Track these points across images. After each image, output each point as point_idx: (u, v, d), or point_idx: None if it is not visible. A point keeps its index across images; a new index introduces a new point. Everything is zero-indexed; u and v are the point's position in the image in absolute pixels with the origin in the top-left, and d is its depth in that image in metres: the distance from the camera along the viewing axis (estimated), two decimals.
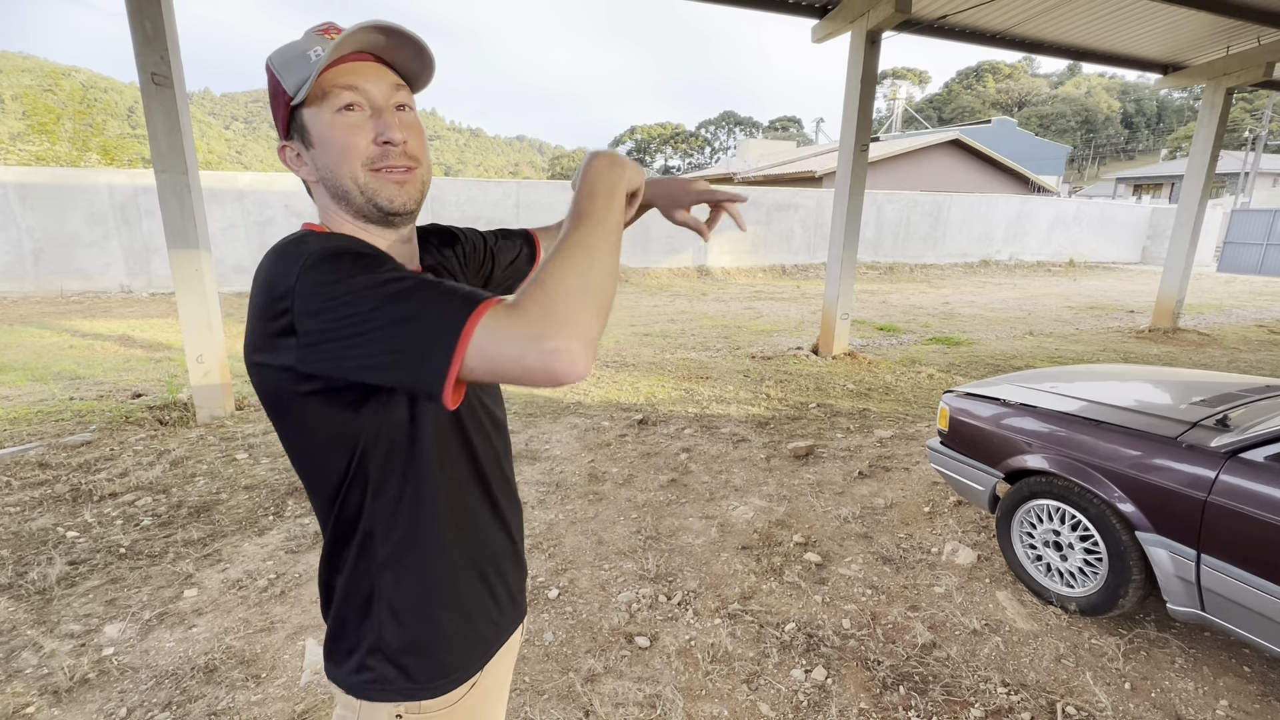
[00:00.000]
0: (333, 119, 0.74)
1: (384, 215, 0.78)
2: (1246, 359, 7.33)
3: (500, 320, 0.59)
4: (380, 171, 0.76)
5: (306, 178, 0.79)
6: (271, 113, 0.79)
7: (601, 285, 0.63)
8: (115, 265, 10.71)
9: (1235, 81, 8.24)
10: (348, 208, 0.78)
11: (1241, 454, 1.99)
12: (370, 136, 0.75)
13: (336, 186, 0.76)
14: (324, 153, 0.75)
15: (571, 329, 0.59)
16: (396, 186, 0.77)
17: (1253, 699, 2.05)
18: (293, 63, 0.73)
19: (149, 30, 4.04)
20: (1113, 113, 64.53)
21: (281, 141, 0.79)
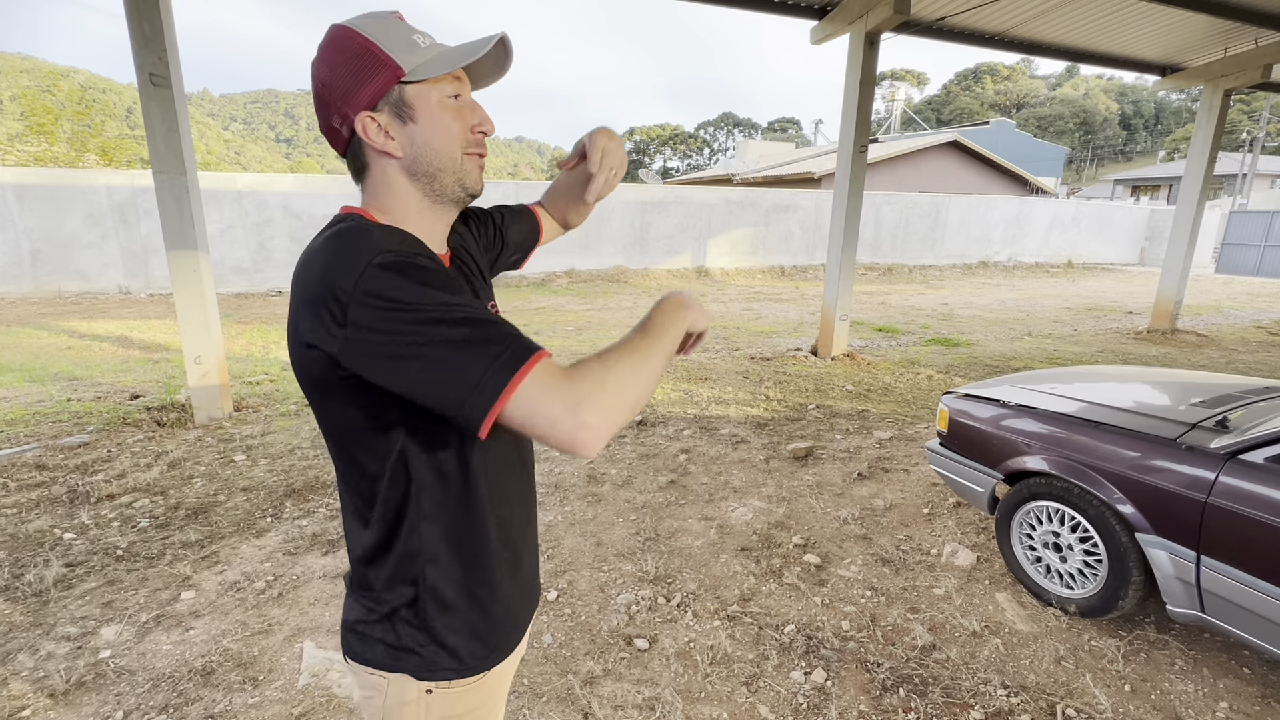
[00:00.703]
0: (444, 102, 0.79)
1: (466, 197, 0.85)
2: (1245, 360, 7.34)
3: (551, 379, 0.64)
4: (471, 156, 0.83)
5: (391, 151, 0.78)
6: (348, 80, 0.75)
7: (641, 391, 0.70)
8: (113, 266, 10.69)
9: (1233, 83, 8.25)
10: (428, 187, 0.81)
11: (1241, 455, 1.99)
12: (469, 125, 0.81)
13: (431, 164, 0.79)
14: (431, 131, 0.78)
15: (607, 413, 0.65)
16: (479, 171, 0.85)
17: (1253, 700, 2.05)
18: (398, 40, 0.76)
19: (147, 31, 4.04)
20: (1111, 114, 64.67)
21: (366, 113, 0.76)
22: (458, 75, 0.81)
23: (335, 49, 0.76)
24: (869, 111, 6.42)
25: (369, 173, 0.81)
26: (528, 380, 0.63)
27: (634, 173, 53.68)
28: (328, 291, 0.66)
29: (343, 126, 0.78)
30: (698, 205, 15.10)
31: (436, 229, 0.86)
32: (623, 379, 0.68)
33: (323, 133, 0.81)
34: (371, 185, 0.81)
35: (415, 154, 0.79)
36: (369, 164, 0.80)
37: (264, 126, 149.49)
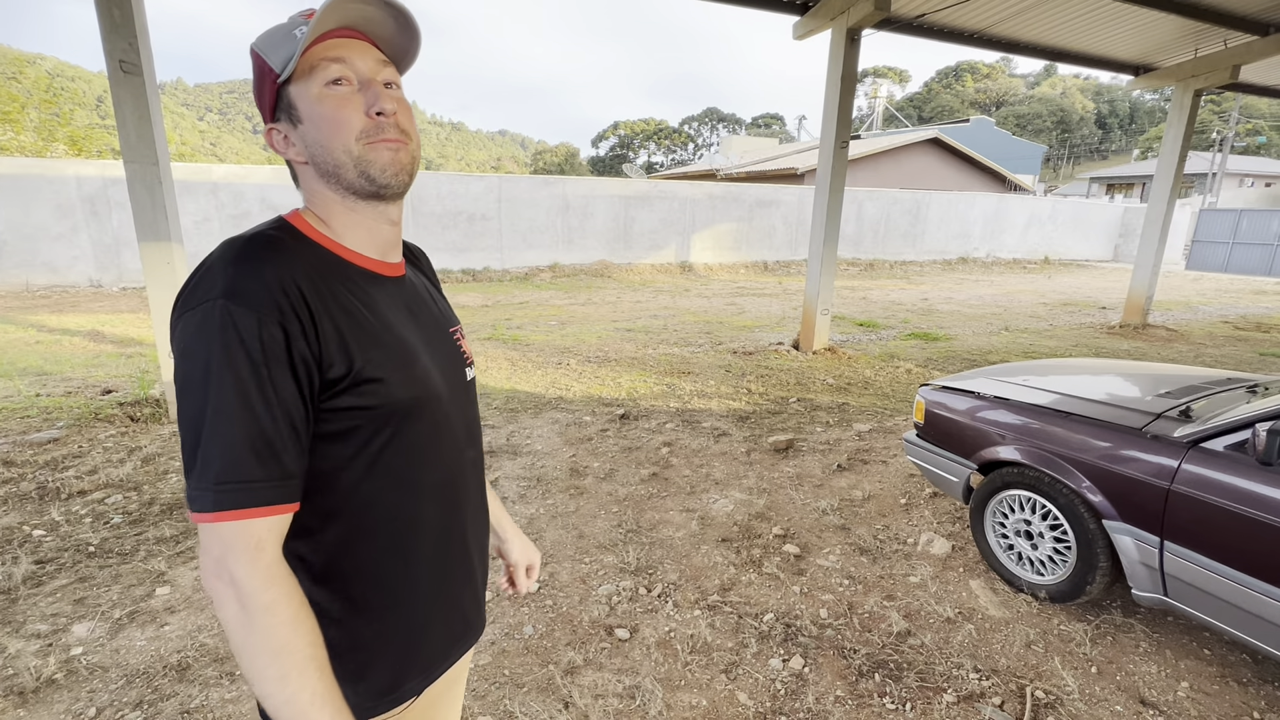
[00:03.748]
0: (321, 92, 0.73)
1: (377, 188, 0.76)
2: (1212, 354, 7.54)
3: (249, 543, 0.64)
4: (375, 143, 0.75)
5: (295, 159, 0.77)
6: (257, 98, 0.76)
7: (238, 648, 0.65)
8: (84, 259, 10.43)
9: (1203, 84, 8.45)
10: (338, 185, 0.76)
11: (1203, 444, 2.05)
12: (361, 109, 0.74)
13: (328, 162, 0.74)
14: (314, 128, 0.73)
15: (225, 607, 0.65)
16: (391, 153, 0.75)
17: (1212, 680, 2.12)
18: (279, 42, 0.73)
19: (117, 17, 3.94)
20: (1087, 113, 65.80)
21: (268, 125, 0.76)
22: (338, 57, 0.73)
23: (251, 68, 0.76)
24: (850, 108, 6.47)
25: (299, 180, 0.80)
26: (235, 525, 0.64)
27: (618, 167, 53.54)
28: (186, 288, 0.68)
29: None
30: (681, 200, 15.12)
31: (376, 229, 0.80)
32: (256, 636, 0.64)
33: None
34: (302, 192, 0.80)
35: (312, 155, 0.75)
36: (296, 172, 0.79)
37: (240, 117, 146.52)
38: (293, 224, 0.76)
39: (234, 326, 0.64)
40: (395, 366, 0.75)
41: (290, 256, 0.71)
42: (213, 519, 0.63)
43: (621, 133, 65.98)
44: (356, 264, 0.78)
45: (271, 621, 0.65)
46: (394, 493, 0.78)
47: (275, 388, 0.65)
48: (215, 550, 0.64)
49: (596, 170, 61.79)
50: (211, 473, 0.63)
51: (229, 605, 0.64)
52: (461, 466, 0.89)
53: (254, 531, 0.65)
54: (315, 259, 0.73)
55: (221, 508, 0.63)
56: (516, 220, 13.56)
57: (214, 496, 0.63)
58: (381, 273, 0.81)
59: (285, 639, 0.65)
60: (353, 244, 0.79)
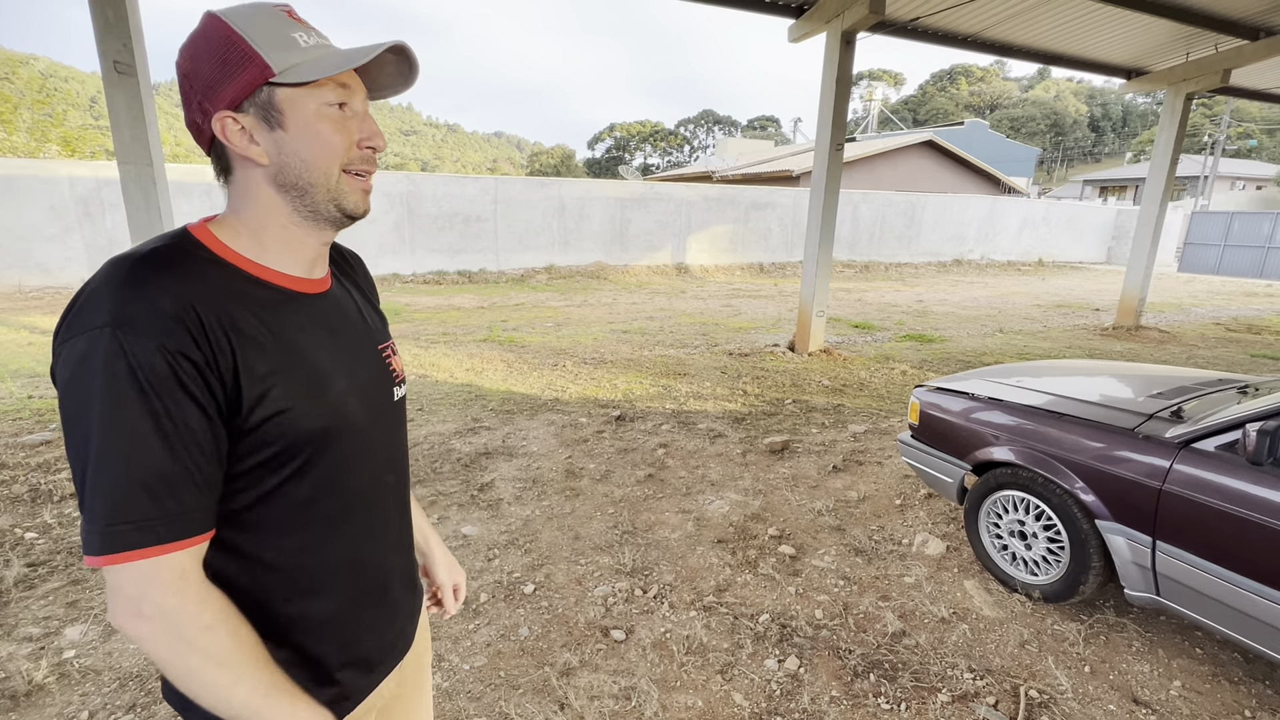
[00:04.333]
0: (322, 110, 0.71)
1: (343, 218, 0.76)
2: (1204, 355, 7.60)
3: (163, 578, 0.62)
4: (352, 175, 0.75)
5: (253, 158, 0.71)
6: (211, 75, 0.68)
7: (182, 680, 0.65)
8: (77, 260, 10.37)
9: (1194, 87, 8.52)
10: (298, 202, 0.73)
11: (1194, 444, 2.07)
12: (355, 138, 0.74)
13: (300, 178, 0.72)
14: (302, 141, 0.71)
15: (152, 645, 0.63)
16: (362, 194, 0.76)
17: (1204, 679, 2.13)
18: (271, 36, 0.69)
19: (111, 17, 3.93)
20: (1080, 116, 66.21)
21: (227, 112, 0.69)
22: (345, 82, 0.73)
23: (200, 39, 0.69)
24: (845, 110, 6.50)
25: (233, 177, 0.73)
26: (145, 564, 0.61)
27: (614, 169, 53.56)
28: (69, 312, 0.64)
29: (205, 123, 0.70)
30: (677, 202, 15.14)
31: (307, 247, 0.77)
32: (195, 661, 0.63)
33: (187, 126, 0.74)
34: (235, 191, 0.74)
35: (282, 164, 0.71)
36: (233, 167, 0.73)
37: None
38: (197, 237, 0.71)
39: (123, 356, 0.60)
40: (303, 395, 0.72)
41: (187, 276, 0.66)
42: (103, 562, 0.60)
43: (617, 135, 66.05)
44: (270, 282, 0.74)
45: (214, 639, 0.64)
46: (302, 528, 0.75)
47: (172, 419, 0.62)
48: (129, 590, 0.62)
49: (592, 172, 61.82)
50: (101, 513, 0.60)
51: (162, 640, 0.63)
52: (379, 493, 0.85)
53: (177, 563, 0.63)
54: (218, 279, 0.69)
55: (111, 550, 0.60)
56: (512, 222, 13.55)
57: (101, 539, 0.60)
58: (299, 290, 0.77)
59: (231, 649, 0.65)
60: (272, 261, 0.75)
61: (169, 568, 0.63)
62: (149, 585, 0.62)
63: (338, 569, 0.80)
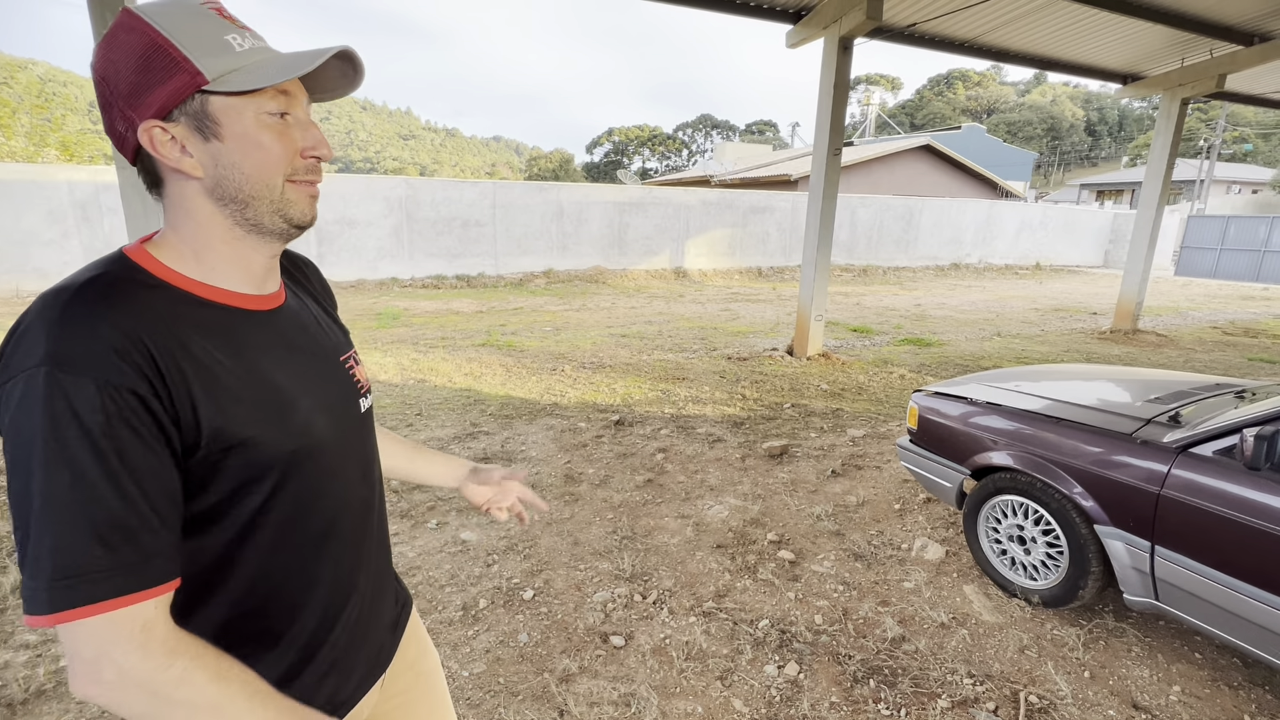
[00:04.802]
0: (261, 119, 0.66)
1: (290, 229, 0.72)
2: (1201, 359, 7.62)
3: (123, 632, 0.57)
4: (299, 184, 0.71)
5: (186, 170, 0.66)
6: (134, 81, 0.63)
7: None
8: (75, 264, 10.34)
9: (1190, 92, 8.57)
10: (239, 213, 0.68)
11: (1192, 449, 2.07)
12: (297, 148, 0.69)
13: (242, 190, 0.67)
14: (240, 152, 0.66)
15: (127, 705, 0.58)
16: (310, 201, 0.72)
17: (1203, 684, 2.13)
18: (202, 38, 0.64)
19: (109, 21, 3.93)
20: (1077, 120, 66.51)
21: (154, 122, 0.63)
22: (286, 89, 0.68)
23: (118, 40, 0.63)
24: (843, 115, 6.52)
25: (165, 190, 0.68)
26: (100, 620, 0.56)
27: (613, 174, 53.69)
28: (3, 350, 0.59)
29: (128, 133, 0.65)
30: (676, 206, 15.17)
31: (254, 261, 0.73)
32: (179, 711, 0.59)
33: (108, 135, 0.68)
34: (169, 206, 0.69)
35: (219, 176, 0.66)
36: (164, 180, 0.68)
37: None
38: (136, 261, 0.66)
39: (64, 398, 0.55)
40: (266, 421, 0.68)
41: (129, 304, 0.61)
42: (50, 621, 0.55)
43: (616, 139, 66.21)
44: (219, 302, 0.70)
45: (192, 690, 0.59)
46: (270, 555, 0.72)
47: (121, 460, 0.57)
48: (85, 652, 0.57)
49: (591, 176, 61.92)
50: (47, 567, 0.55)
51: (134, 704, 0.58)
52: (354, 509, 0.83)
53: (138, 616, 0.58)
54: (164, 304, 0.64)
55: (60, 607, 0.55)
56: (511, 226, 13.57)
57: (49, 595, 0.55)
58: (251, 308, 0.73)
59: (216, 695, 0.61)
60: (219, 279, 0.70)
61: (128, 621, 0.57)
62: (107, 644, 0.57)
63: (316, 589, 0.77)
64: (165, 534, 0.61)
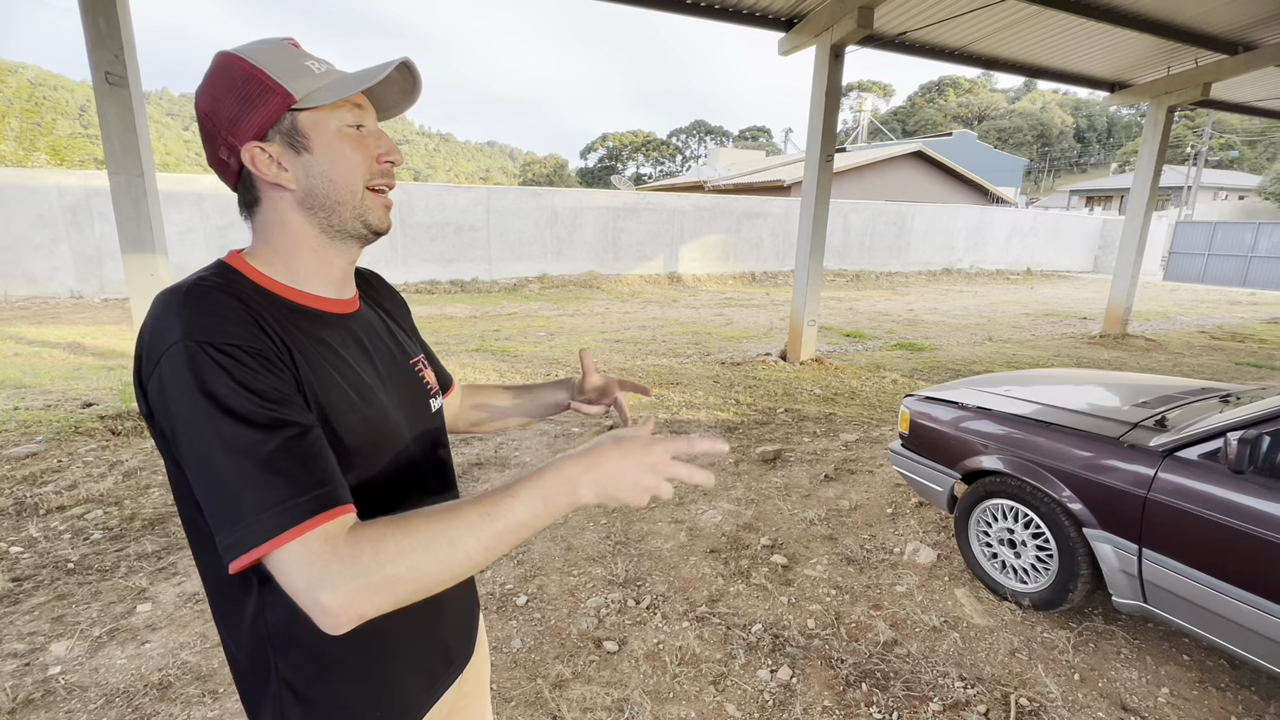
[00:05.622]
0: (343, 130, 0.74)
1: (369, 234, 0.79)
2: (1189, 363, 7.70)
3: (312, 551, 0.59)
4: (376, 191, 0.78)
5: (283, 183, 0.73)
6: (235, 110, 0.71)
7: (434, 584, 0.62)
8: (65, 270, 10.29)
9: (1176, 100, 8.68)
10: (325, 221, 0.76)
11: (1177, 453, 2.10)
12: (374, 155, 0.77)
13: (328, 198, 0.75)
14: (328, 161, 0.74)
15: (358, 608, 0.59)
16: (385, 210, 0.80)
17: (1191, 685, 2.16)
18: (287, 66, 0.72)
19: (103, 28, 3.93)
20: (1066, 127, 67.18)
21: (254, 143, 0.71)
22: (359, 103, 0.76)
23: (218, 77, 0.71)
24: (835, 121, 6.58)
25: (260, 207, 0.76)
26: (294, 544, 0.59)
27: (607, 179, 53.77)
28: (141, 353, 0.65)
29: (230, 158, 0.73)
30: (670, 211, 15.22)
31: (336, 266, 0.80)
32: (401, 572, 0.60)
33: (211, 166, 0.76)
34: (262, 221, 0.76)
35: (310, 186, 0.74)
36: (260, 197, 0.75)
37: None
38: (235, 267, 0.74)
39: (209, 360, 0.61)
40: (350, 410, 0.73)
41: (240, 294, 0.69)
42: (265, 550, 0.59)
43: (610, 144, 66.37)
44: (307, 305, 0.77)
45: (397, 550, 0.60)
46: None
47: (275, 401, 0.63)
48: (299, 582, 0.59)
49: (585, 182, 62.03)
50: (244, 509, 0.59)
51: (370, 602, 0.59)
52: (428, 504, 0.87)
53: (323, 533, 0.60)
54: (264, 304, 0.71)
55: (270, 535, 0.59)
56: (505, 231, 13.58)
57: (253, 530, 0.59)
58: (333, 311, 0.80)
59: (417, 540, 0.61)
60: (306, 284, 0.78)
61: (317, 541, 0.60)
62: (306, 567, 0.59)
63: None
64: (330, 462, 0.65)
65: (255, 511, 0.59)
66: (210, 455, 0.60)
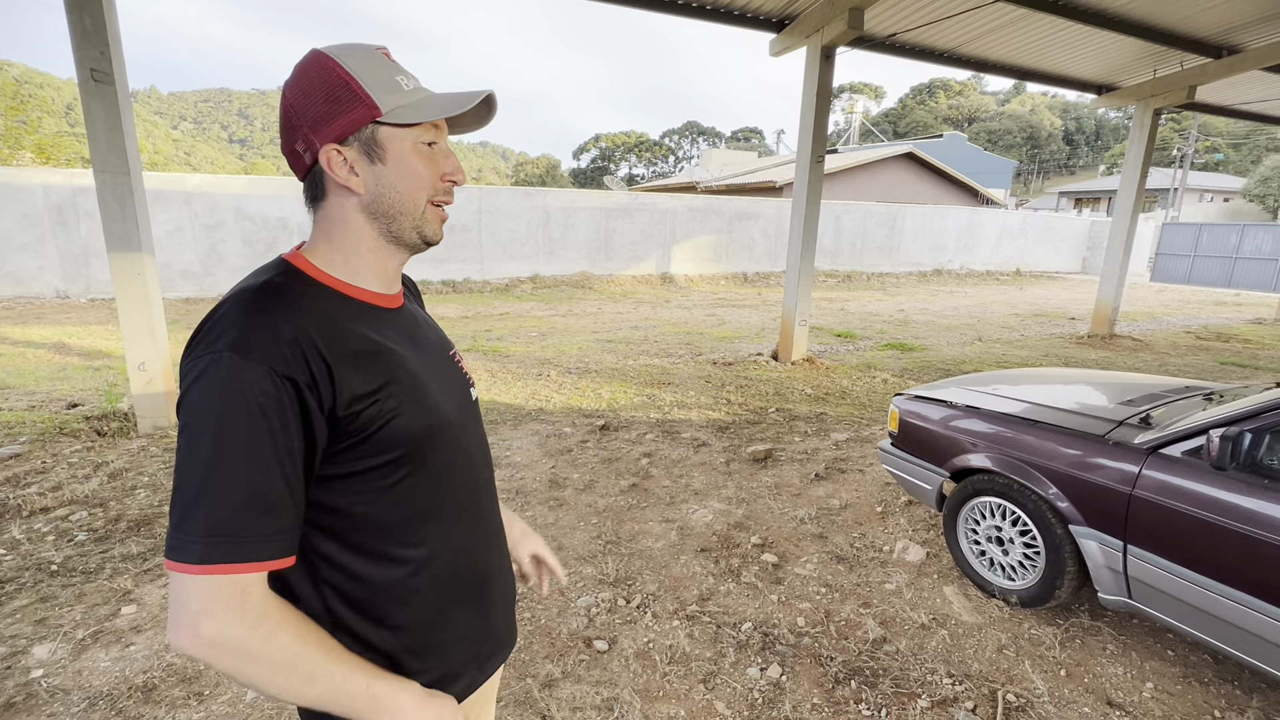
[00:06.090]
0: (418, 147, 0.78)
1: (422, 244, 0.83)
2: (1175, 363, 7.78)
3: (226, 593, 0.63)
4: (436, 206, 0.82)
5: (352, 187, 0.77)
6: (320, 112, 0.74)
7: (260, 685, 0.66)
8: (50, 269, 10.17)
9: (1162, 103, 8.78)
10: (385, 228, 0.80)
11: (1161, 450, 2.12)
12: (440, 172, 0.81)
13: (393, 207, 0.78)
14: (399, 174, 0.77)
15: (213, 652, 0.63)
16: (440, 223, 0.84)
17: (1175, 680, 2.18)
18: (380, 79, 0.75)
19: (88, 25, 3.89)
20: (1055, 130, 67.75)
21: (333, 145, 0.75)
22: (436, 123, 0.80)
23: (312, 76, 0.74)
24: (826, 123, 6.60)
25: (325, 203, 0.79)
26: (217, 579, 0.63)
27: (599, 179, 53.75)
28: (196, 335, 0.69)
29: (306, 153, 0.76)
30: (662, 212, 15.23)
31: (388, 267, 0.84)
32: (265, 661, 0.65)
33: (284, 153, 0.79)
34: (325, 216, 0.80)
35: (378, 194, 0.77)
36: (327, 195, 0.79)
37: (216, 126, 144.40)
38: (297, 266, 0.77)
39: (241, 379, 0.64)
40: (409, 398, 0.77)
41: (300, 304, 0.72)
42: (193, 570, 0.62)
43: (602, 145, 66.33)
44: (364, 301, 0.81)
45: (276, 648, 0.66)
46: (419, 523, 0.81)
47: (278, 443, 0.66)
48: (193, 605, 0.63)
49: (578, 182, 61.95)
50: (201, 524, 0.63)
51: (224, 658, 0.64)
52: (478, 488, 0.91)
53: (242, 582, 0.64)
54: (324, 301, 0.75)
55: (209, 561, 0.62)
56: (497, 231, 13.54)
57: (201, 549, 0.62)
58: (386, 306, 0.84)
59: (296, 653, 0.67)
60: (362, 281, 0.81)
61: (236, 586, 0.64)
62: (212, 602, 0.63)
63: (455, 564, 0.86)
64: (297, 514, 0.69)
65: (206, 533, 0.63)
66: (195, 463, 0.64)
